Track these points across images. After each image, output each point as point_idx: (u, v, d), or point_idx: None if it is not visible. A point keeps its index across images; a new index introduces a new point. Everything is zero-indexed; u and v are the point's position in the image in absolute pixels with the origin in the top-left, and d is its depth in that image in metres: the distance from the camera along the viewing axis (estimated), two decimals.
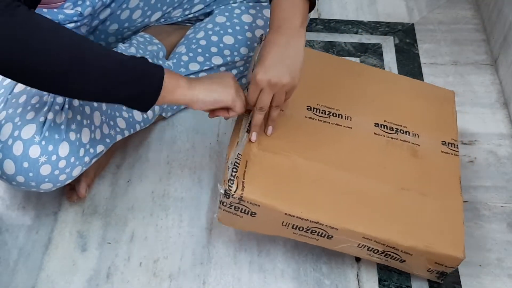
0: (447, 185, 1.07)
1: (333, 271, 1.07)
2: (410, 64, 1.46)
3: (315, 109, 1.11)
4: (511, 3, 1.39)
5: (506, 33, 1.40)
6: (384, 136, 1.11)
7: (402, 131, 1.12)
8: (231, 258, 1.08)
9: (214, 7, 1.31)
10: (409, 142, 1.11)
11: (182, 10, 1.30)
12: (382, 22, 1.58)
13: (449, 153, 1.11)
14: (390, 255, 1.00)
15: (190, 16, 1.32)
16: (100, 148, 1.02)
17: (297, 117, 1.09)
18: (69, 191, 1.14)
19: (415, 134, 1.12)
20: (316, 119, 1.10)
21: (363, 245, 0.99)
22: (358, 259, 1.09)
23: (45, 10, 1.03)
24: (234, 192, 0.95)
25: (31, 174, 0.96)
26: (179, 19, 1.31)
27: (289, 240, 1.07)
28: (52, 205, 1.15)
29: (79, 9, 1.07)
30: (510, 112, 1.34)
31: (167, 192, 1.17)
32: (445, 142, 1.12)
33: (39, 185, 0.98)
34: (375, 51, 1.49)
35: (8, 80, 1.00)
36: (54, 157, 0.96)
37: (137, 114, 1.12)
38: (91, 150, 1.01)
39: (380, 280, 1.06)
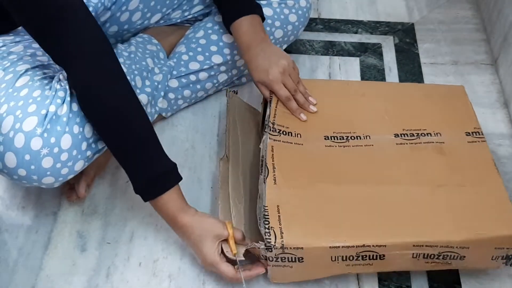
0: (482, 170, 1.05)
1: None
2: (410, 64, 1.46)
3: (332, 137, 1.10)
4: (511, 3, 1.39)
5: (506, 33, 1.40)
6: (407, 144, 1.09)
7: (423, 134, 1.11)
8: None
9: (213, 7, 1.31)
10: (433, 142, 1.09)
11: (182, 12, 1.30)
12: (382, 21, 1.58)
13: (476, 142, 1.09)
14: (448, 255, 0.96)
15: (189, 17, 1.32)
16: (101, 144, 1.02)
17: (317, 148, 1.08)
18: (69, 191, 1.14)
19: (436, 133, 1.11)
20: (336, 146, 1.09)
21: (417, 254, 0.96)
22: None
23: None
24: (275, 242, 0.93)
25: (32, 167, 0.95)
26: (178, 20, 1.31)
27: None
28: (52, 205, 1.14)
29: None
30: (510, 112, 1.34)
31: None
32: (469, 133, 1.11)
33: (41, 179, 0.97)
34: (375, 51, 1.49)
35: (10, 75, 0.99)
36: (56, 150, 0.95)
37: None
38: (93, 145, 1.01)
39: (380, 280, 1.06)
